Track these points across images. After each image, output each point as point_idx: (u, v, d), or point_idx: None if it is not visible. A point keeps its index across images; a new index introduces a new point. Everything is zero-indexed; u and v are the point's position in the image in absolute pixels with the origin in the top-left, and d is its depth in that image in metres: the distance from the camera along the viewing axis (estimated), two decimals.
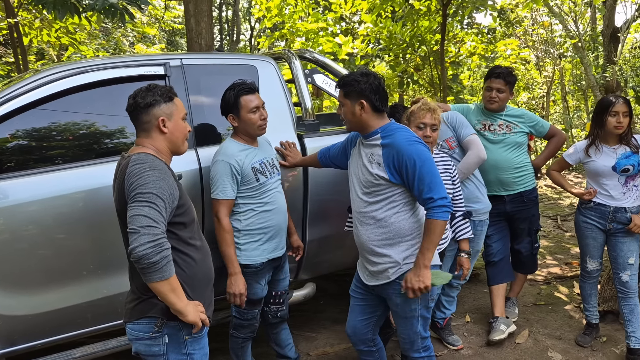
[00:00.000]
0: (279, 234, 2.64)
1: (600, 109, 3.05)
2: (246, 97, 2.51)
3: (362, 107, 2.22)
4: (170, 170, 1.89)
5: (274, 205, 2.59)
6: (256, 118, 2.52)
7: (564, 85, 11.24)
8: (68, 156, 2.54)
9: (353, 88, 2.22)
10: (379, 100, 2.22)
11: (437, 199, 2.14)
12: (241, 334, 2.71)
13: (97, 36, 9.40)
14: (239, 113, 2.52)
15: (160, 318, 1.81)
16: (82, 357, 2.54)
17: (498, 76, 3.31)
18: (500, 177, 3.35)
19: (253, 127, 2.53)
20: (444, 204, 2.14)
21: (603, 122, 3.02)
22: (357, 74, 2.25)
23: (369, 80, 2.21)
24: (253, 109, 2.51)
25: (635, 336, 3.09)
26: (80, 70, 2.59)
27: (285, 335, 2.91)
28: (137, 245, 1.63)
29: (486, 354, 3.30)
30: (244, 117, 2.52)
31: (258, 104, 2.53)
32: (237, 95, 2.52)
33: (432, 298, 2.37)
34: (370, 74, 2.24)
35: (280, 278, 2.78)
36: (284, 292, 2.82)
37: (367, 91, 2.20)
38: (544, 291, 4.29)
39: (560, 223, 6.40)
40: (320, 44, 7.50)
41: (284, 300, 2.83)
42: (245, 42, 19.86)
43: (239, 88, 2.53)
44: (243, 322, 2.68)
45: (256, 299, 2.63)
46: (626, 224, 3.07)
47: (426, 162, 2.15)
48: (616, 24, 9.81)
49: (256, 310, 2.67)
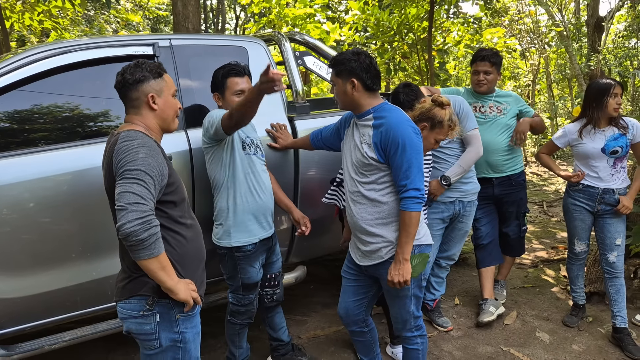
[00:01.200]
0: (267, 214, 2.60)
1: (600, 91, 3.04)
2: (233, 79, 2.49)
3: (354, 85, 2.20)
4: (160, 148, 1.85)
5: (263, 185, 2.57)
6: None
7: (549, 74, 11.33)
8: (52, 138, 2.49)
9: (344, 67, 2.20)
10: (370, 78, 2.21)
11: (410, 189, 2.14)
12: (238, 320, 2.69)
13: (79, 22, 9.22)
14: (223, 93, 2.52)
15: (152, 296, 1.78)
16: (71, 340, 2.52)
17: (483, 59, 3.32)
18: (489, 159, 3.36)
19: None
20: (416, 195, 2.14)
21: (603, 104, 3.03)
22: (348, 53, 2.23)
23: (360, 58, 2.19)
24: (237, 92, 2.48)
25: (621, 315, 3.15)
26: (64, 50, 2.53)
27: (279, 319, 2.90)
28: (125, 222, 1.61)
29: (475, 335, 3.33)
30: (228, 98, 2.50)
31: (244, 87, 2.49)
32: (224, 75, 2.50)
33: (424, 277, 2.38)
34: (361, 52, 2.22)
35: (273, 260, 2.77)
36: (277, 274, 2.81)
37: (358, 70, 2.18)
38: (531, 274, 4.34)
39: (546, 209, 6.47)
40: (308, 30, 7.44)
41: (278, 282, 2.81)
42: (230, 32, 19.65)
43: (228, 68, 2.51)
44: (240, 308, 2.65)
45: (251, 283, 2.60)
46: (614, 205, 3.10)
47: (410, 148, 2.13)
48: (600, 14, 9.89)
49: (252, 295, 2.65)
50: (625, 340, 3.09)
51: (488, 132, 3.34)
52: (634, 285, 3.84)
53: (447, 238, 3.31)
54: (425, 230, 2.35)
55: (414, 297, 2.36)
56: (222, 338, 3.32)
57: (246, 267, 2.56)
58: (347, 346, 3.20)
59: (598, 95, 3.05)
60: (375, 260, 2.32)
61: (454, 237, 3.31)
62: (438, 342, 3.26)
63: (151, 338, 1.81)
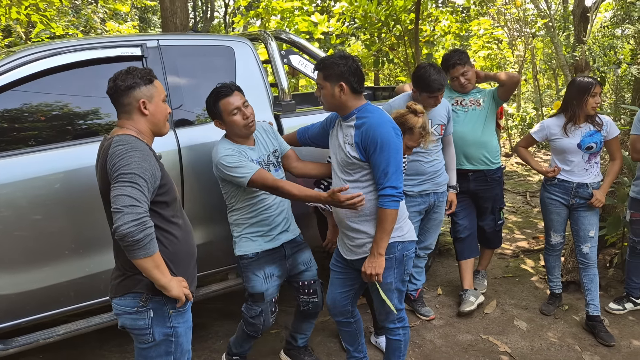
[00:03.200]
0: (275, 227, 2.63)
1: (581, 90, 3.14)
2: (224, 101, 2.46)
3: (342, 89, 2.27)
4: (152, 151, 1.94)
5: (267, 201, 2.58)
6: (239, 119, 2.46)
7: (535, 64, 11.44)
8: (43, 138, 2.55)
9: (333, 71, 2.26)
10: (357, 82, 2.29)
11: (387, 187, 2.24)
12: (247, 329, 2.71)
13: (66, 13, 9.16)
14: (222, 118, 2.50)
15: (145, 293, 1.88)
16: (65, 333, 2.61)
17: (454, 65, 3.39)
18: (465, 149, 3.47)
19: (239, 128, 2.48)
20: (392, 193, 2.24)
21: (583, 103, 3.14)
22: (335, 56, 2.30)
23: (347, 63, 2.26)
24: (233, 111, 2.46)
25: (594, 304, 3.30)
26: (55, 51, 2.58)
27: (305, 326, 2.92)
28: (121, 224, 1.69)
29: (457, 324, 3.47)
30: (227, 120, 2.48)
31: (238, 104, 2.47)
32: (215, 101, 2.49)
33: (407, 272, 2.48)
34: (348, 56, 2.29)
35: (301, 270, 2.75)
36: (311, 282, 2.77)
37: (347, 74, 2.25)
38: (512, 264, 4.49)
39: (529, 199, 6.63)
40: (296, 22, 7.47)
41: (314, 290, 2.77)
42: (219, 20, 19.54)
43: (215, 92, 2.50)
44: (248, 319, 2.67)
45: (256, 293, 2.61)
46: (588, 198, 3.24)
47: (388, 147, 2.22)
48: (586, 4, 9.99)
49: (259, 307, 2.63)
50: (597, 327, 3.25)
51: (467, 123, 3.45)
52: (608, 275, 4.01)
53: (423, 229, 3.42)
54: (409, 227, 2.45)
55: (396, 290, 2.46)
56: (212, 329, 3.43)
57: (249, 275, 2.62)
58: (333, 335, 3.32)
59: (579, 93, 3.15)
60: (360, 255, 2.42)
61: (430, 228, 3.43)
62: (420, 330, 3.39)
63: (145, 333, 1.91)
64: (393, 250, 2.37)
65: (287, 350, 3.04)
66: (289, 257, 2.70)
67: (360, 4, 7.47)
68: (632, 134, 3.30)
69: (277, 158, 2.68)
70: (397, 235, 2.38)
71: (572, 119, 3.20)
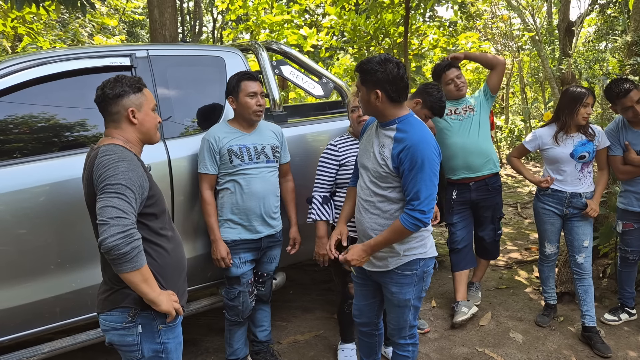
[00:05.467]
0: (253, 219, 2.73)
1: (573, 99, 3.14)
2: (247, 82, 2.67)
3: (377, 96, 2.12)
4: (140, 161, 1.88)
5: (247, 190, 2.69)
6: (252, 102, 2.66)
7: (523, 77, 11.59)
8: (28, 149, 2.48)
9: (369, 76, 2.12)
10: (395, 91, 2.11)
11: (416, 210, 2.10)
12: (229, 315, 2.85)
13: (53, 27, 9.09)
14: (237, 96, 2.68)
15: (134, 308, 1.81)
16: (50, 352, 2.51)
17: (449, 67, 3.42)
18: (468, 160, 3.44)
19: (249, 110, 2.68)
20: (418, 217, 2.10)
21: (574, 112, 3.14)
22: (375, 60, 2.12)
23: (387, 69, 2.08)
24: (251, 93, 2.66)
25: (590, 315, 3.27)
26: (42, 61, 2.53)
27: (260, 316, 3.03)
28: (107, 237, 1.63)
29: (452, 337, 3.42)
30: (242, 100, 2.67)
31: (257, 90, 2.68)
32: (239, 79, 2.68)
33: (425, 288, 2.39)
34: (389, 60, 2.11)
35: (264, 261, 2.92)
36: (265, 275, 2.95)
37: (384, 81, 2.09)
38: (505, 275, 4.46)
39: (520, 211, 6.63)
40: (285, 36, 7.49)
41: (264, 282, 2.96)
42: (207, 34, 19.55)
43: (242, 73, 2.73)
44: (228, 302, 2.81)
45: (231, 276, 2.77)
46: (582, 208, 3.22)
47: (428, 169, 2.09)
48: (571, 18, 10.15)
49: (236, 289, 2.79)
50: (594, 338, 3.21)
51: (465, 133, 3.43)
52: (602, 285, 4.00)
53: None
54: (431, 243, 2.35)
55: (413, 307, 2.37)
56: (203, 345, 3.35)
57: None
58: (327, 350, 3.25)
59: (571, 103, 3.15)
60: (380, 269, 2.33)
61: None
62: None
63: (134, 349, 1.83)
64: (415, 267, 2.28)
65: (253, 353, 3.07)
66: (263, 249, 2.85)
67: (349, 18, 7.52)
68: (612, 155, 3.30)
69: (273, 153, 2.80)
70: (421, 252, 2.27)
71: (563, 128, 3.20)
